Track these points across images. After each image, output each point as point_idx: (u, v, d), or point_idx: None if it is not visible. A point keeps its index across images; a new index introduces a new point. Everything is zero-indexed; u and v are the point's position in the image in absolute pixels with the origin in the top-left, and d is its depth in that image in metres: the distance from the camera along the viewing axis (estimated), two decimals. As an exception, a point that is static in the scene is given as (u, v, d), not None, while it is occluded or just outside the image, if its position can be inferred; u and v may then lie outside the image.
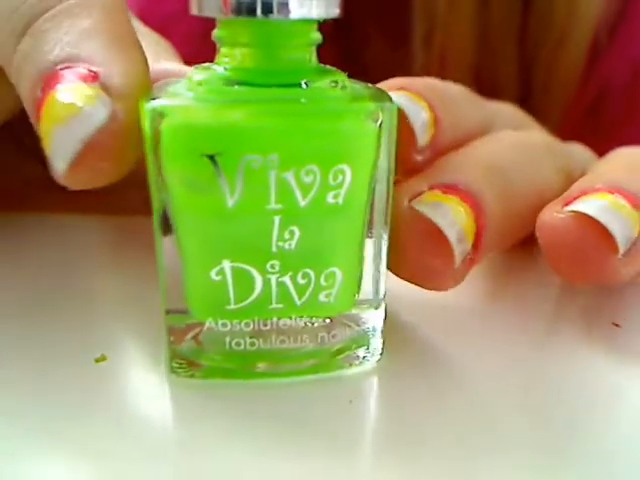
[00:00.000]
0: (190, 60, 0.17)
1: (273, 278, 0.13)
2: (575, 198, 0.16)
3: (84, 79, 0.13)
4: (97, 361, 0.15)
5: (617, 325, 0.17)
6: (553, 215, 0.16)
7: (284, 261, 0.13)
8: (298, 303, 0.14)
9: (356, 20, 0.14)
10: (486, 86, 0.21)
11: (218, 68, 0.14)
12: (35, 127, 0.14)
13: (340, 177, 0.13)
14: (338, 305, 0.14)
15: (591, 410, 0.14)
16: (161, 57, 0.17)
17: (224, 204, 0.13)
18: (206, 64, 0.14)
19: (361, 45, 0.18)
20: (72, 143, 0.13)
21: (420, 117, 0.17)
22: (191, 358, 0.14)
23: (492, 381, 0.15)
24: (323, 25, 0.14)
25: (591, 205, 0.15)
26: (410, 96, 0.17)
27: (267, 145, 0.12)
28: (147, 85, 0.14)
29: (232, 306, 0.14)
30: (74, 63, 0.13)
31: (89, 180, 0.13)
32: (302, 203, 0.13)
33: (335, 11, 0.14)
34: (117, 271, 0.19)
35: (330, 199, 0.13)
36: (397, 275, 0.16)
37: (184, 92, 0.13)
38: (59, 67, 0.13)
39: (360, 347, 0.15)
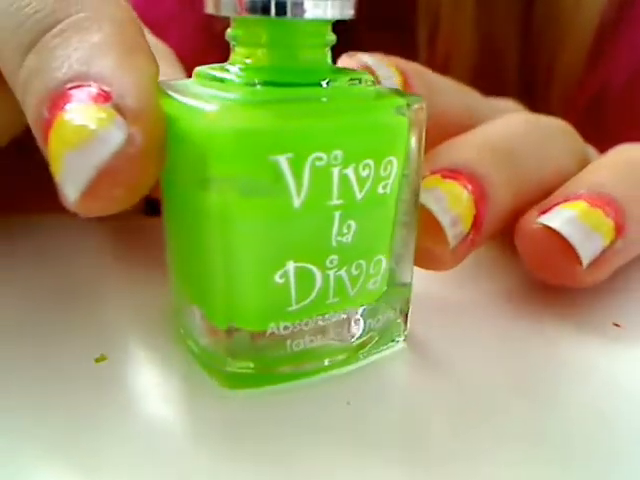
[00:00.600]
0: (186, 61, 0.16)
1: (332, 273, 0.14)
2: (554, 205, 0.17)
3: (95, 99, 0.12)
4: (97, 361, 0.15)
5: (617, 325, 0.17)
6: (528, 224, 0.17)
7: (342, 255, 0.14)
8: (351, 294, 0.14)
9: (360, 20, 0.15)
10: (489, 86, 0.22)
11: (232, 68, 0.14)
12: (42, 148, 0.12)
13: (389, 168, 0.14)
14: (379, 290, 0.15)
15: (591, 409, 0.14)
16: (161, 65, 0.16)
17: (290, 205, 0.13)
18: (219, 64, 0.14)
19: (365, 45, 0.18)
20: (85, 170, 0.12)
21: (387, 74, 0.17)
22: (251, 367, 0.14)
23: (493, 383, 0.15)
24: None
25: (560, 217, 0.16)
26: (381, 59, 0.17)
27: (331, 143, 0.13)
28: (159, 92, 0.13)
29: (293, 307, 0.14)
30: (84, 82, 0.12)
31: (102, 208, 0.12)
32: (359, 196, 0.13)
33: (350, 12, 0.14)
34: (117, 271, 0.19)
35: (380, 190, 0.14)
36: None
37: (217, 92, 0.13)
38: (68, 86, 0.12)
39: (389, 332, 0.16)
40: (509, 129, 0.18)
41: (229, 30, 0.14)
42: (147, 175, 0.12)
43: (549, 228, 0.16)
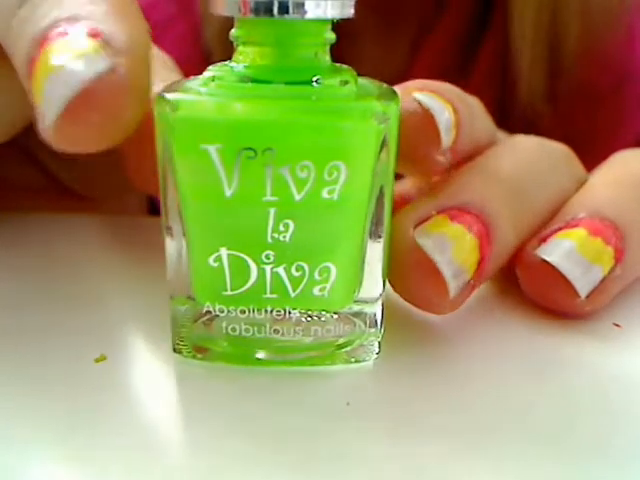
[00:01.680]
0: (183, 63, 0.18)
1: (268, 268, 0.14)
2: (553, 232, 0.16)
3: (84, 34, 0.12)
4: (97, 361, 0.15)
5: (617, 325, 0.17)
6: (528, 255, 0.17)
7: (279, 252, 0.14)
8: (292, 295, 0.14)
9: (346, 24, 0.14)
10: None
11: (236, 66, 0.14)
12: (27, 89, 0.13)
13: (335, 173, 0.13)
14: (335, 300, 0.15)
15: (591, 409, 0.14)
16: (160, 72, 0.17)
17: (222, 194, 0.13)
18: (224, 62, 0.15)
19: (351, 48, 0.18)
20: (65, 91, 0.12)
21: (444, 117, 0.16)
22: (197, 342, 0.15)
23: (491, 382, 0.15)
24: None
25: (558, 250, 0.16)
26: (435, 96, 0.17)
27: (263, 140, 0.13)
28: (149, 49, 0.14)
29: (229, 292, 0.14)
30: (76, 22, 0.13)
31: (80, 136, 0.12)
32: (297, 197, 0.13)
33: (350, 11, 0.14)
34: (117, 271, 0.19)
35: (325, 194, 0.13)
36: (398, 294, 0.16)
37: (198, 87, 0.14)
38: (58, 28, 0.12)
39: (359, 344, 0.15)
40: (517, 157, 0.17)
41: (232, 30, 0.15)
42: (127, 108, 0.12)
43: (545, 264, 0.16)
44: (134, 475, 0.12)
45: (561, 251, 0.16)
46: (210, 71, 0.14)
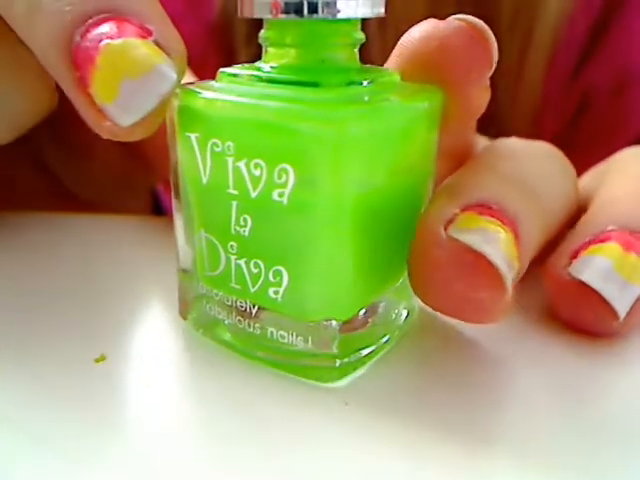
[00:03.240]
0: (192, 61, 0.18)
1: (232, 258, 0.14)
2: (583, 247, 0.15)
3: (140, 34, 0.13)
4: (97, 361, 0.15)
5: None
6: (558, 271, 0.16)
7: (241, 245, 0.14)
8: (251, 290, 0.14)
9: None
10: None
11: (264, 66, 0.15)
12: (62, 72, 0.13)
13: (284, 176, 0.13)
14: (306, 310, 0.14)
15: (591, 408, 0.14)
16: None
17: (200, 180, 0.14)
18: (253, 63, 0.15)
19: None
20: (149, 99, 0.13)
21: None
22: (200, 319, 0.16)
23: (494, 384, 0.15)
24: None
25: (593, 269, 0.15)
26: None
27: (227, 134, 0.13)
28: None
29: (209, 273, 0.15)
30: (122, 14, 0.13)
31: (142, 134, 0.14)
32: (253, 194, 0.13)
33: (380, 10, 0.14)
34: (117, 271, 0.19)
35: (275, 196, 0.13)
36: (434, 309, 0.14)
37: (213, 83, 0.15)
38: (104, 15, 0.13)
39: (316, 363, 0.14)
40: (515, 157, 0.16)
41: (262, 32, 0.15)
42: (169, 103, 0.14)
43: (581, 285, 0.15)
44: (134, 475, 0.12)
45: (597, 269, 0.15)
46: (235, 69, 0.15)
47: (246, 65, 0.15)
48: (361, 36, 0.14)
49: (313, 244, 0.13)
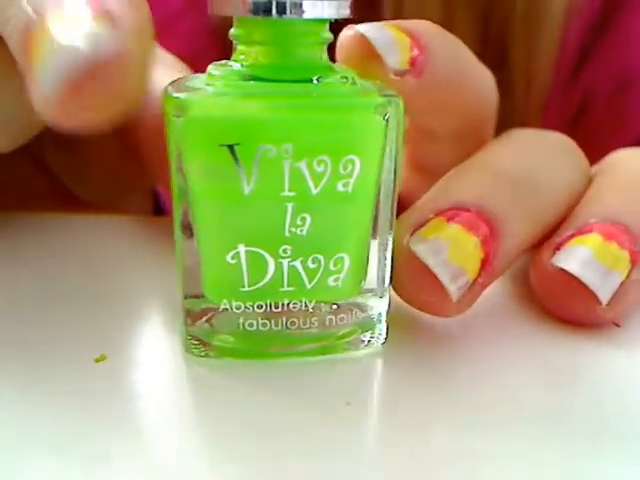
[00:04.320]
0: (193, 57, 0.18)
1: (285, 262, 0.14)
2: (567, 239, 0.16)
3: (88, 6, 0.12)
4: (97, 361, 0.15)
5: (617, 325, 0.17)
6: (543, 265, 0.16)
7: (296, 246, 0.14)
8: (308, 286, 0.15)
9: None
10: None
11: (235, 64, 0.15)
12: (24, 68, 0.12)
13: (350, 167, 0.14)
14: (345, 290, 0.15)
15: (591, 408, 0.14)
16: (172, 72, 0.17)
17: (241, 191, 0.14)
18: (223, 61, 0.15)
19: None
20: (70, 64, 0.11)
21: (380, 36, 0.16)
22: (205, 339, 0.15)
23: (496, 383, 0.15)
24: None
25: (575, 258, 0.16)
26: (377, 25, 0.16)
27: (281, 136, 0.13)
28: (151, 29, 0.13)
29: (246, 288, 0.14)
30: None
31: (77, 112, 0.12)
32: (314, 191, 0.14)
33: (345, 12, 0.14)
34: (117, 270, 0.19)
35: (340, 187, 0.14)
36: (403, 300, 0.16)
37: (203, 86, 0.14)
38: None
39: (365, 332, 0.16)
40: (516, 150, 0.17)
41: (232, 29, 0.15)
42: (130, 89, 0.12)
43: (563, 273, 0.16)
44: (133, 475, 0.12)
45: (578, 259, 0.16)
46: (212, 69, 0.14)
47: (216, 65, 0.15)
48: (329, 35, 0.15)
49: (367, 225, 0.15)
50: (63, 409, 0.13)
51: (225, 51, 0.15)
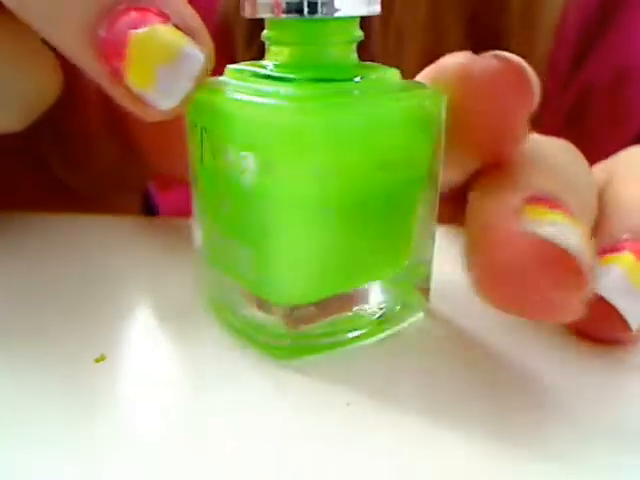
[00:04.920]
0: None
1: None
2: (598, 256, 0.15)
3: (161, 20, 0.13)
4: (97, 361, 0.15)
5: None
6: None
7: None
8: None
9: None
10: None
11: (268, 64, 0.15)
12: (93, 68, 0.13)
13: (246, 162, 0.13)
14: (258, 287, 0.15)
15: (590, 408, 0.14)
16: None
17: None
18: (255, 61, 0.15)
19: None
20: (185, 81, 0.13)
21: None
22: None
23: (497, 383, 0.14)
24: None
25: (608, 282, 0.14)
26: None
27: (206, 121, 0.14)
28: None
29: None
30: (140, 3, 0.13)
31: (180, 111, 0.14)
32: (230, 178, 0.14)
33: (376, 8, 0.14)
34: (117, 270, 0.19)
35: (243, 180, 0.14)
36: (506, 310, 0.14)
37: (227, 79, 0.15)
38: (123, 6, 0.13)
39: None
40: (550, 149, 0.16)
41: (264, 31, 0.15)
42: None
43: (595, 297, 0.14)
44: (133, 475, 0.12)
45: (610, 280, 0.14)
46: (242, 65, 0.15)
47: (251, 62, 0.15)
48: (359, 33, 0.15)
49: (273, 227, 0.14)
50: (63, 409, 0.13)
51: (226, 56, 0.16)
